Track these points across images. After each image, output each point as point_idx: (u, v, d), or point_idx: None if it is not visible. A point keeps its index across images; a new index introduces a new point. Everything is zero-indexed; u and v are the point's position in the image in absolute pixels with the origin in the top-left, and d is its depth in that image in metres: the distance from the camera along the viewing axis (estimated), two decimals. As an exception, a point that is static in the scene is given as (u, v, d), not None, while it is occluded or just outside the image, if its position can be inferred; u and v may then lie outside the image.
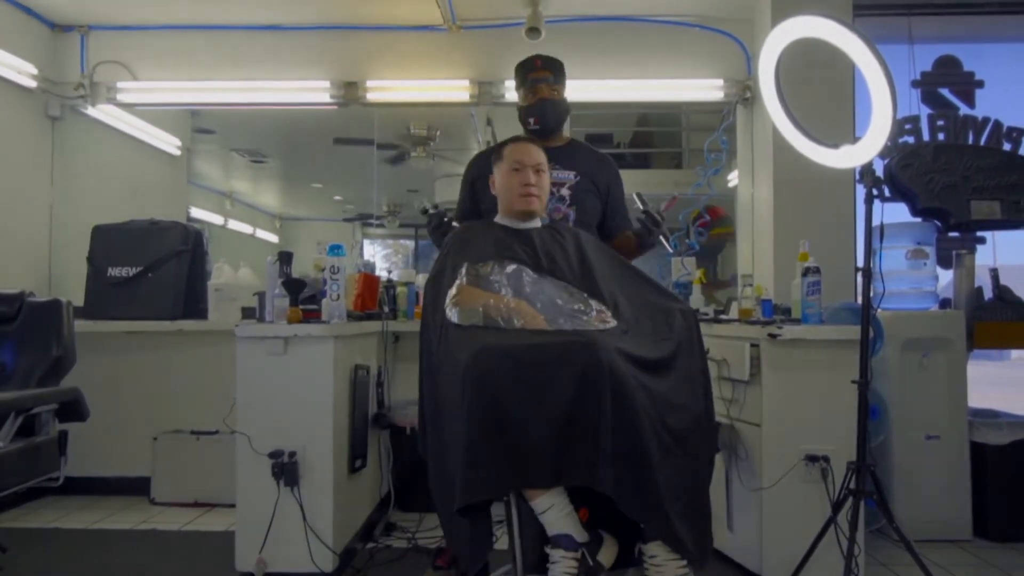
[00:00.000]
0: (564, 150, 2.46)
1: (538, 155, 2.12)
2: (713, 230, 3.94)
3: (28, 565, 2.54)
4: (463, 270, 1.93)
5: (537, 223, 2.14)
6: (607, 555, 1.72)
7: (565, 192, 2.40)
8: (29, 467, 2.10)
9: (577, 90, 3.96)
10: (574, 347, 1.66)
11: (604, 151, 2.58)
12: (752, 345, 2.50)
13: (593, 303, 1.94)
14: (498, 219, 2.18)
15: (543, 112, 2.41)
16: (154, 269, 3.51)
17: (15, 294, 2.43)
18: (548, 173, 2.16)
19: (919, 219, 3.36)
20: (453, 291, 1.88)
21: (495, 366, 1.62)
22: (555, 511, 1.66)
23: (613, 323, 1.90)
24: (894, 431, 3.05)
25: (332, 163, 5.19)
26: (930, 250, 3.30)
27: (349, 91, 4.00)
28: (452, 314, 1.83)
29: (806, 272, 2.49)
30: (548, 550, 1.68)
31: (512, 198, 2.10)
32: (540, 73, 2.40)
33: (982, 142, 3.58)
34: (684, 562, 1.68)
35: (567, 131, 2.73)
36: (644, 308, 1.99)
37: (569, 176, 2.42)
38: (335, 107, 4.06)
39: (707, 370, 1.94)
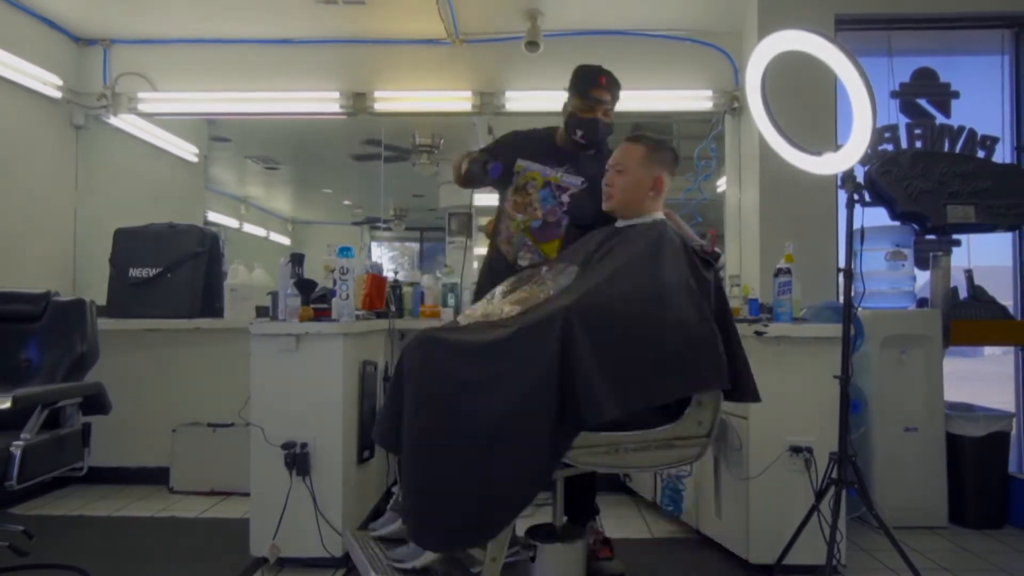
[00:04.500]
0: (587, 156, 2.46)
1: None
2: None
3: (54, 550, 2.54)
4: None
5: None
6: None
7: (565, 199, 2.39)
8: (54, 458, 2.09)
9: (574, 100, 4.02)
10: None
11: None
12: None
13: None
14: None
15: (595, 131, 2.42)
16: (173, 270, 3.51)
17: (41, 294, 2.43)
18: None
19: (898, 223, 3.36)
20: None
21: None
22: None
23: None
24: (874, 424, 3.06)
25: (341, 170, 5.19)
26: (908, 252, 3.32)
27: (358, 101, 4.00)
28: None
29: (778, 273, 2.50)
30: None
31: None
32: (603, 93, 2.40)
33: (957, 149, 3.57)
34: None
35: None
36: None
37: (576, 183, 2.40)
38: (344, 116, 4.06)
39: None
